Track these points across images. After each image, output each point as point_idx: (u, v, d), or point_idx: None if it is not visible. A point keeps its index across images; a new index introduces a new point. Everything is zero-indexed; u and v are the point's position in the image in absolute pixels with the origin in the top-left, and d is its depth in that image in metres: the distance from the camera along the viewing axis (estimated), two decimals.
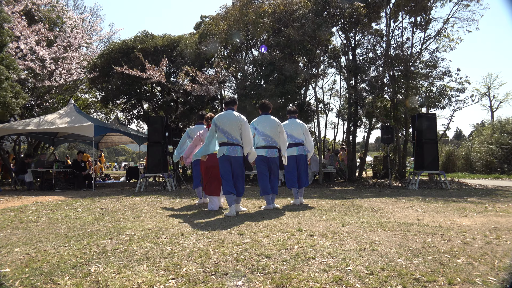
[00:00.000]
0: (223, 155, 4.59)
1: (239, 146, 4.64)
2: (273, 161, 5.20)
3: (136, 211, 5.16)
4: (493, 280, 2.08)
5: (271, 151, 5.17)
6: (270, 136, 5.17)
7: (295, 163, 5.61)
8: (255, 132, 5.25)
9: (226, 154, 4.57)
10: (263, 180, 5.16)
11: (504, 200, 6.00)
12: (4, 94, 8.27)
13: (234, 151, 4.60)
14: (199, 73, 10.91)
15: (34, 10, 11.64)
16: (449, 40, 10.76)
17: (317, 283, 2.05)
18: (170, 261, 2.51)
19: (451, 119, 11.20)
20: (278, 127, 5.23)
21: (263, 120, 5.22)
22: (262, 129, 5.18)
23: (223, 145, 4.63)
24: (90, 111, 18.53)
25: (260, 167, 5.20)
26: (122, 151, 69.95)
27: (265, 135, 5.16)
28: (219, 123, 4.62)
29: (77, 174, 10.30)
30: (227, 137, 4.60)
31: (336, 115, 18.42)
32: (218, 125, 4.62)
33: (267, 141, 5.16)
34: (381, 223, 3.84)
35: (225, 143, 4.61)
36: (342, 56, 13.17)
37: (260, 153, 5.14)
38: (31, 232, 3.67)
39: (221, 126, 4.60)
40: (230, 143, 4.59)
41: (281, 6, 10.96)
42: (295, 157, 5.60)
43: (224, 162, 4.60)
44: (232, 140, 4.60)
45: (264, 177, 5.16)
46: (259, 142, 5.20)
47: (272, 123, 5.22)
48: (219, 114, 4.74)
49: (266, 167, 5.19)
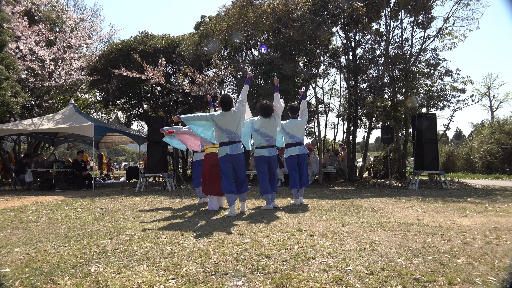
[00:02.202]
0: (226, 154, 4.58)
1: (240, 142, 4.68)
2: (274, 159, 5.31)
3: (136, 211, 5.16)
4: (493, 280, 2.08)
5: (272, 149, 5.27)
6: (270, 136, 5.28)
7: (297, 163, 5.63)
8: (256, 133, 5.29)
9: (230, 154, 4.56)
10: (263, 179, 5.21)
11: (504, 200, 6.00)
12: (3, 94, 8.28)
13: (236, 149, 4.59)
14: (198, 74, 10.93)
15: (34, 10, 11.63)
16: (452, 38, 10.72)
17: (317, 283, 2.05)
18: (170, 261, 2.51)
19: (451, 119, 11.21)
20: (276, 123, 5.33)
21: (264, 122, 5.25)
22: (264, 131, 5.24)
23: (224, 144, 4.62)
24: (90, 111, 18.52)
25: (260, 166, 5.25)
26: (122, 151, 69.92)
27: (266, 136, 5.25)
28: (219, 123, 4.59)
29: (77, 174, 10.30)
30: (228, 136, 4.57)
31: (336, 115, 18.42)
32: (218, 124, 4.60)
33: (268, 141, 5.26)
34: (381, 223, 3.84)
35: (226, 142, 4.60)
36: (342, 56, 13.18)
37: (262, 153, 5.22)
38: (31, 232, 3.67)
39: (221, 125, 4.59)
40: (231, 141, 4.58)
41: (280, 6, 10.96)
42: (297, 156, 5.61)
43: (226, 161, 4.60)
44: (234, 138, 4.59)
45: (264, 176, 5.21)
46: (261, 142, 5.27)
47: (272, 122, 5.29)
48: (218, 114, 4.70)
49: (266, 167, 5.24)
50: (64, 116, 10.46)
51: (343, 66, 13.13)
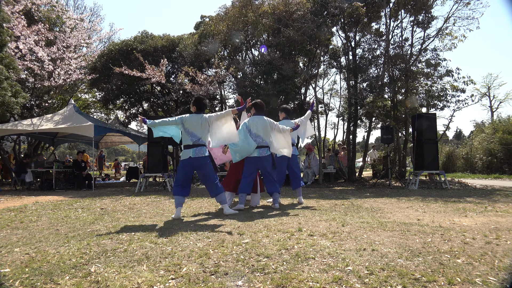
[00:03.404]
0: (189, 157, 4.49)
1: (204, 146, 4.60)
2: (266, 159, 5.18)
3: (136, 211, 5.16)
4: (493, 280, 2.07)
5: (262, 150, 5.17)
6: (261, 136, 5.16)
7: (287, 164, 5.72)
8: (248, 133, 5.21)
9: (193, 157, 4.48)
10: (246, 178, 5.14)
11: (504, 200, 6.00)
12: (4, 94, 8.27)
13: (200, 152, 4.54)
14: (199, 74, 10.92)
15: (34, 10, 11.63)
16: (452, 38, 10.72)
17: (317, 283, 2.05)
18: (170, 261, 2.51)
19: (451, 119, 11.20)
20: (270, 126, 5.23)
21: (256, 121, 5.19)
22: (255, 131, 5.15)
23: (188, 147, 4.52)
24: (90, 111, 18.53)
25: (249, 166, 5.18)
26: (122, 151, 69.93)
27: (257, 136, 5.14)
28: (186, 124, 4.51)
29: (77, 174, 10.30)
30: (191, 139, 4.51)
31: (336, 115, 18.43)
32: (186, 126, 4.52)
33: (258, 141, 5.15)
34: (381, 223, 3.83)
35: (190, 145, 4.52)
36: (342, 56, 13.17)
37: (252, 154, 5.15)
38: (31, 232, 3.67)
39: (188, 127, 4.51)
40: (195, 144, 4.51)
41: (280, 7, 10.96)
42: (288, 158, 5.66)
43: (187, 165, 4.52)
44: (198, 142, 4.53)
45: (249, 176, 5.15)
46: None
47: (264, 123, 5.20)
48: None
49: (256, 168, 5.20)
50: (64, 116, 10.46)
51: (343, 66, 13.11)
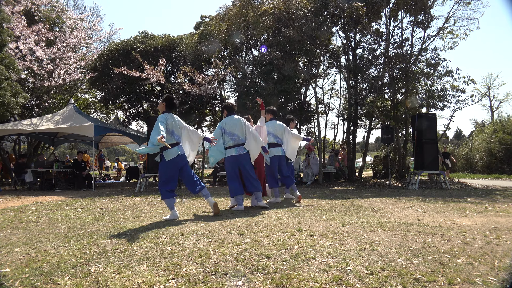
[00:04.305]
0: (178, 155, 4.55)
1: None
2: (243, 157, 5.16)
3: (136, 211, 5.16)
4: (493, 280, 2.07)
5: (239, 148, 5.15)
6: (237, 134, 5.15)
7: (278, 163, 5.80)
8: (223, 133, 5.20)
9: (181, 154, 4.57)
10: (233, 180, 5.12)
11: (504, 200, 6.00)
12: (4, 94, 8.27)
13: (182, 150, 4.62)
14: (198, 74, 10.92)
15: (34, 10, 11.63)
16: (454, 36, 10.73)
17: (317, 283, 2.05)
18: (170, 261, 2.51)
19: (451, 119, 11.23)
20: (244, 125, 5.21)
21: (229, 121, 5.19)
22: (229, 129, 5.15)
23: (174, 145, 4.55)
24: (90, 111, 18.52)
25: (229, 167, 5.16)
26: (122, 151, 69.90)
27: (232, 135, 5.15)
28: (168, 124, 4.50)
29: (77, 174, 10.30)
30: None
31: (336, 115, 18.43)
32: (168, 126, 4.50)
33: (234, 140, 5.14)
34: (381, 223, 3.83)
35: (175, 143, 4.53)
36: (342, 56, 13.17)
37: (230, 153, 5.14)
38: (31, 232, 3.66)
39: (169, 126, 4.51)
40: (178, 142, 4.56)
41: (280, 6, 10.97)
42: (278, 157, 5.76)
43: (176, 163, 4.58)
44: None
45: (234, 177, 5.13)
46: (227, 142, 5.19)
47: (237, 122, 5.18)
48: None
49: (237, 167, 5.16)
50: (64, 116, 10.45)
51: (343, 66, 13.12)
